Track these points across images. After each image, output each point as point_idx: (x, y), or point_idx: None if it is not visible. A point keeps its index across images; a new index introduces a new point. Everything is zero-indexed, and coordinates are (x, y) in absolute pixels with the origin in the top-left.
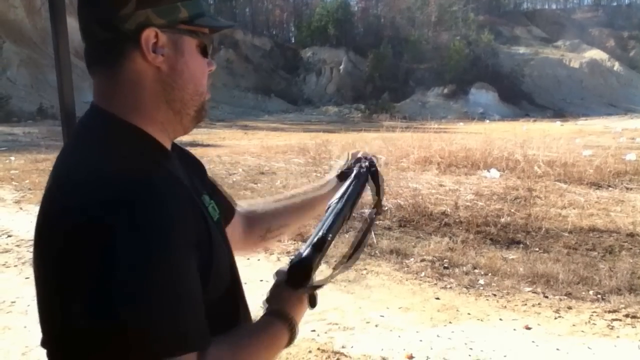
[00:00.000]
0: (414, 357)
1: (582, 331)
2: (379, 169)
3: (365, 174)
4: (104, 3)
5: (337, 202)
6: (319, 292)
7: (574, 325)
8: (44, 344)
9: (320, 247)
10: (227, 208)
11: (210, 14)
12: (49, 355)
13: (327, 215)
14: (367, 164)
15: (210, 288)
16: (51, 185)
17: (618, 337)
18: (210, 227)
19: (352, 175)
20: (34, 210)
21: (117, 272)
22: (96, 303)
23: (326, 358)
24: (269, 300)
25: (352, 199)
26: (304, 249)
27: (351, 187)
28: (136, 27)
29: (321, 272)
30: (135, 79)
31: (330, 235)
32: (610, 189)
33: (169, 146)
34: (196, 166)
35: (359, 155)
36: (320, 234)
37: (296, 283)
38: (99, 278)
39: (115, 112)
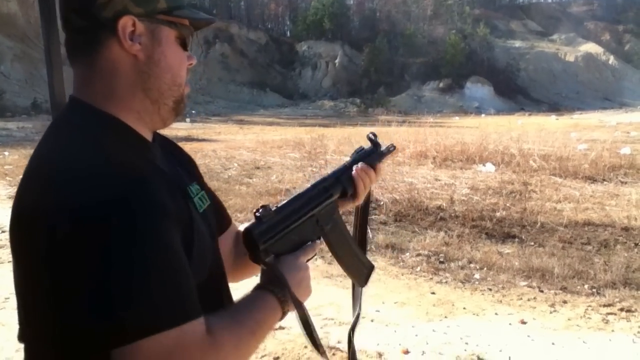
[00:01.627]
0: (409, 352)
1: (578, 325)
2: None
3: (366, 151)
4: None
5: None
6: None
7: (569, 319)
8: (22, 338)
9: (258, 217)
10: (223, 216)
11: (191, 7)
12: (31, 350)
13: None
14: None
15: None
16: (32, 178)
17: (613, 331)
18: (192, 214)
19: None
20: None
21: (116, 271)
22: (96, 303)
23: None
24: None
25: (333, 177)
26: None
27: (338, 168)
28: (113, 15)
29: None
30: (112, 67)
31: (277, 206)
32: (605, 182)
33: (148, 136)
34: (183, 157)
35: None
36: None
37: (249, 254)
38: (99, 278)
39: (92, 102)
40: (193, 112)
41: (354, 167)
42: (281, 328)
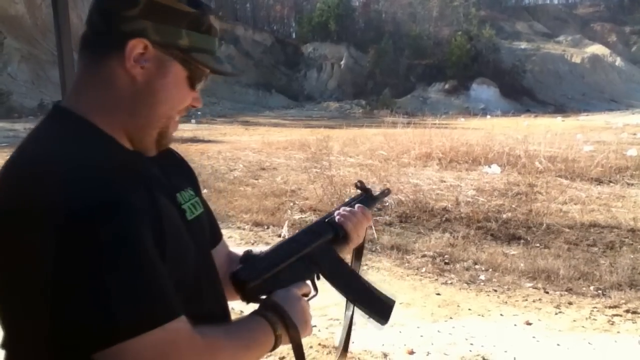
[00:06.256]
0: (414, 353)
1: (583, 326)
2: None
3: (355, 198)
4: None
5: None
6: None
7: (574, 320)
8: (4, 345)
9: (244, 260)
10: (212, 233)
11: (217, 56)
12: (12, 355)
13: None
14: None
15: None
16: (12, 177)
17: (618, 332)
18: (163, 221)
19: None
20: None
21: (96, 274)
22: (78, 307)
23: (327, 353)
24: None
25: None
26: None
27: (316, 225)
28: (130, 32)
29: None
30: (108, 79)
31: (263, 252)
32: (611, 184)
33: (130, 147)
34: (177, 162)
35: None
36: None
37: (240, 295)
38: (80, 281)
39: (79, 112)
40: (198, 113)
41: (344, 213)
42: None
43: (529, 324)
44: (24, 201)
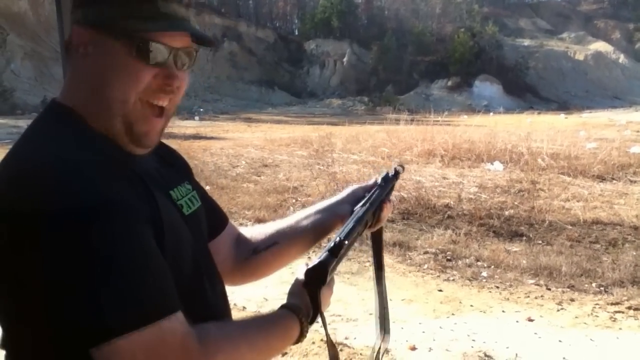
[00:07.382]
0: (416, 348)
1: (585, 323)
2: (398, 180)
3: (391, 180)
4: None
5: (361, 207)
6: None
7: (576, 317)
8: (4, 345)
9: (335, 252)
10: (217, 218)
11: (172, 21)
12: (11, 356)
13: (349, 220)
14: (392, 172)
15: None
16: (3, 177)
17: (620, 329)
18: (163, 218)
19: (378, 180)
20: None
21: (85, 272)
22: (66, 305)
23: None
24: (288, 294)
25: (375, 205)
26: (321, 253)
27: (376, 193)
28: (75, 21)
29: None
30: (76, 71)
31: (348, 240)
32: (614, 181)
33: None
34: (172, 157)
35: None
36: (337, 239)
37: (311, 285)
38: (70, 279)
39: (70, 104)
40: (201, 110)
41: (385, 202)
42: None
43: (530, 320)
44: (16, 202)
